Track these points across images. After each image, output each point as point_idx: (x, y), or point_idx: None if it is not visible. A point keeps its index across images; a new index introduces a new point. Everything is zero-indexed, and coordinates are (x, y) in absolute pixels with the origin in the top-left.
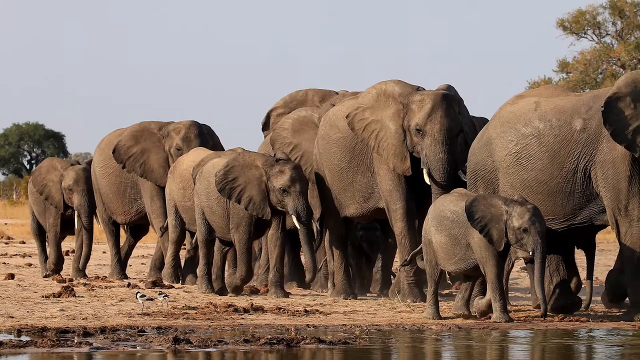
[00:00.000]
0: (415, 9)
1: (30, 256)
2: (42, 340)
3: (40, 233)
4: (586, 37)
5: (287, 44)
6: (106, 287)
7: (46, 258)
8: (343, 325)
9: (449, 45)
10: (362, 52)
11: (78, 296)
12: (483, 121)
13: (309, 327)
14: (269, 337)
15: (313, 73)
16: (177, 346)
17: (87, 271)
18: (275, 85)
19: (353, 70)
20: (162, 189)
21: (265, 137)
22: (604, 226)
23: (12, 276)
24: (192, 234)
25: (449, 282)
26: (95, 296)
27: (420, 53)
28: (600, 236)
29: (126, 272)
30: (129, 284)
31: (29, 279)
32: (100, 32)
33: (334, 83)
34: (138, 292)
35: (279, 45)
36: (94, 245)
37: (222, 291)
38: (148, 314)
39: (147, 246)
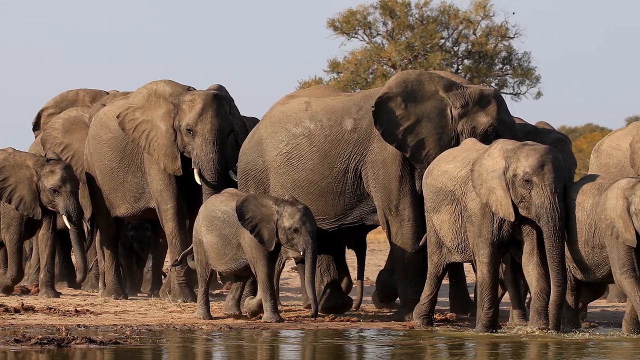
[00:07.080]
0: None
1: None
2: None
3: None
4: (357, 37)
5: (56, 43)
6: None
7: None
8: (114, 325)
9: (218, 45)
10: (133, 52)
11: None
12: (254, 121)
13: (79, 327)
14: (40, 337)
15: (83, 73)
16: None
17: None
18: (45, 85)
19: (124, 70)
20: None
21: (36, 137)
22: (374, 226)
23: None
24: None
25: (220, 282)
26: None
27: (192, 53)
28: (371, 236)
29: None
30: None
31: None
32: None
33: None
34: None
35: (48, 44)
36: None
37: None
38: None
39: None
